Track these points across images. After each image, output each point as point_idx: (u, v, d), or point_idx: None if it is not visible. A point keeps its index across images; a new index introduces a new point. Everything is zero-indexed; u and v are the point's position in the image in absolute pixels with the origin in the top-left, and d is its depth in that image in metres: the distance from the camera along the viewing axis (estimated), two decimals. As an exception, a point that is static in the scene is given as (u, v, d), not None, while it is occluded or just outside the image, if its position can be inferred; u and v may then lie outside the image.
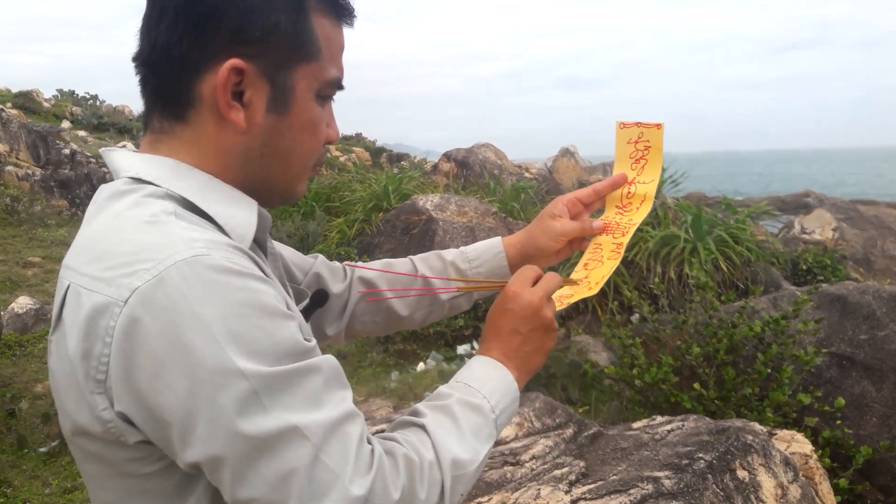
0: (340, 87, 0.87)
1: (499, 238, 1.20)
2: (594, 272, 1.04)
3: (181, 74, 0.78)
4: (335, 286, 1.15)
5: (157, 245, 0.68)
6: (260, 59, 0.78)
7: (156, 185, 0.77)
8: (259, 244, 0.85)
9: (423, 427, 0.81)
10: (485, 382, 0.89)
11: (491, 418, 0.87)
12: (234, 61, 0.76)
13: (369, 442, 0.73)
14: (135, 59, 0.81)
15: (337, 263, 1.19)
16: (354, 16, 0.87)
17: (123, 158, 0.81)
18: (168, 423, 0.65)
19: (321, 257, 1.18)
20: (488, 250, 1.18)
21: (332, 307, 1.15)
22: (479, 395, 0.87)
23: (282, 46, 0.79)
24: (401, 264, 1.20)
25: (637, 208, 1.08)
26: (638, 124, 1.07)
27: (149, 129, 0.83)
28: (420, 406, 0.86)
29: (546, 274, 0.99)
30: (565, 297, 1.05)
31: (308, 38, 0.80)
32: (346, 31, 0.87)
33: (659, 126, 1.06)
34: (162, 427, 0.66)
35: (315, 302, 1.06)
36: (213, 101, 0.78)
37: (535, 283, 0.97)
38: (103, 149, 0.85)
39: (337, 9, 0.85)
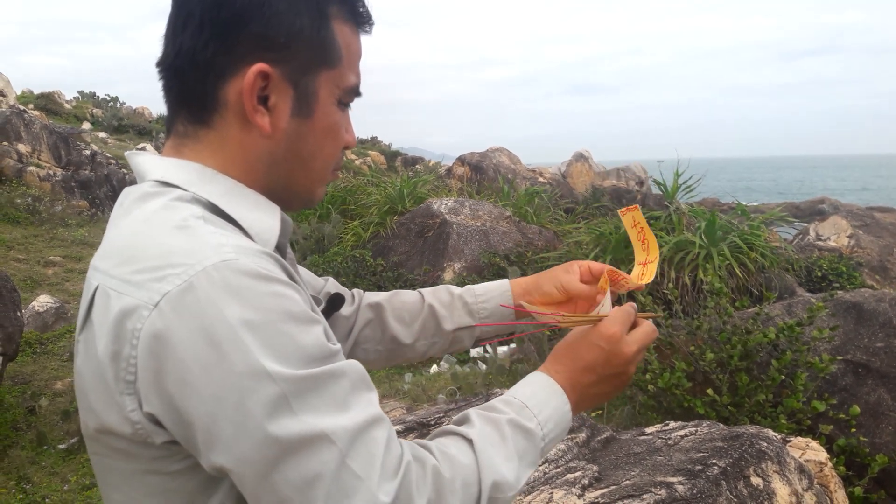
0: (358, 94, 0.88)
1: (507, 280, 1.21)
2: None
3: (206, 79, 0.78)
4: (343, 309, 1.16)
5: (187, 250, 0.69)
6: (285, 65, 0.79)
7: (183, 189, 0.77)
8: (280, 250, 0.85)
9: (470, 441, 0.78)
10: (543, 408, 0.86)
11: (539, 446, 0.84)
12: (260, 66, 0.77)
13: (399, 446, 0.72)
14: (159, 65, 0.82)
15: (344, 288, 1.20)
16: (373, 23, 0.88)
17: (149, 162, 0.81)
18: (194, 425, 0.66)
19: (332, 280, 1.18)
20: (496, 288, 1.20)
21: (339, 330, 1.15)
22: (533, 420, 0.84)
23: (306, 52, 0.80)
24: (408, 294, 1.22)
25: (643, 276, 1.13)
26: (627, 209, 1.14)
27: (172, 133, 0.83)
28: (472, 413, 0.83)
29: (646, 325, 0.96)
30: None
31: (330, 44, 0.82)
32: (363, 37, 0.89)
33: (636, 207, 1.13)
34: (188, 429, 0.67)
35: (332, 305, 1.08)
36: (238, 106, 0.78)
37: (631, 329, 0.94)
38: (128, 152, 0.86)
39: (357, 16, 0.86)
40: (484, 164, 13.30)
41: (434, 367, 5.71)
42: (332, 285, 1.17)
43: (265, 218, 0.81)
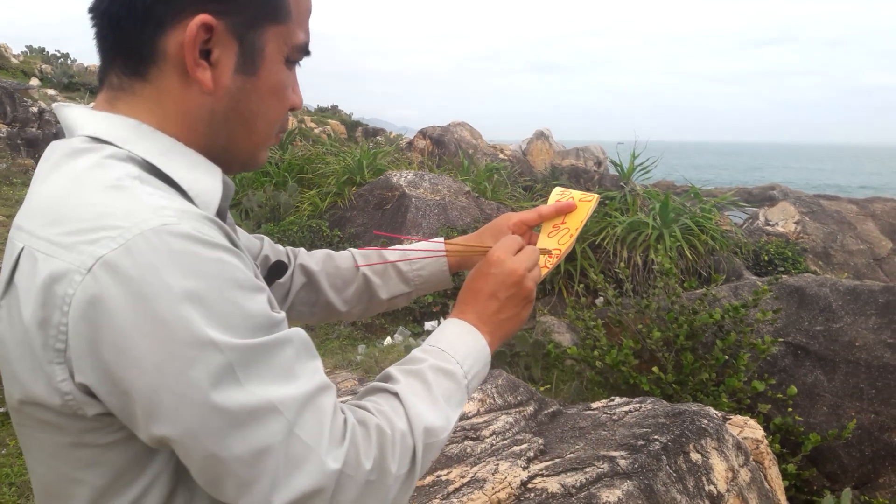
0: (307, 53, 0.84)
1: (441, 242, 1.20)
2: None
3: (144, 29, 0.73)
4: None
5: (123, 211, 0.64)
6: (230, 17, 0.74)
7: (117, 146, 0.73)
8: (220, 214, 0.81)
9: (395, 394, 0.80)
10: (458, 347, 0.89)
11: (463, 384, 0.87)
12: (204, 17, 0.72)
13: (342, 412, 0.72)
14: (91, 11, 0.76)
15: (280, 247, 1.17)
16: None
17: (80, 115, 0.76)
18: (133, 396, 0.63)
19: (267, 239, 1.15)
20: (431, 255, 1.19)
21: (276, 294, 1.13)
22: (452, 361, 0.87)
23: (253, 5, 0.75)
24: (342, 258, 1.20)
25: (563, 238, 1.13)
26: (585, 198, 1.17)
27: (106, 86, 0.78)
28: (393, 370, 0.85)
29: (527, 247, 1.00)
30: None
31: None
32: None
33: (593, 198, 1.16)
34: (126, 400, 0.64)
35: (273, 273, 1.06)
36: (177, 59, 0.73)
37: (517, 252, 0.98)
38: (56, 104, 0.80)
39: None
40: (445, 139, 13.26)
41: (388, 340, 5.72)
42: (267, 245, 1.14)
43: (206, 179, 0.76)
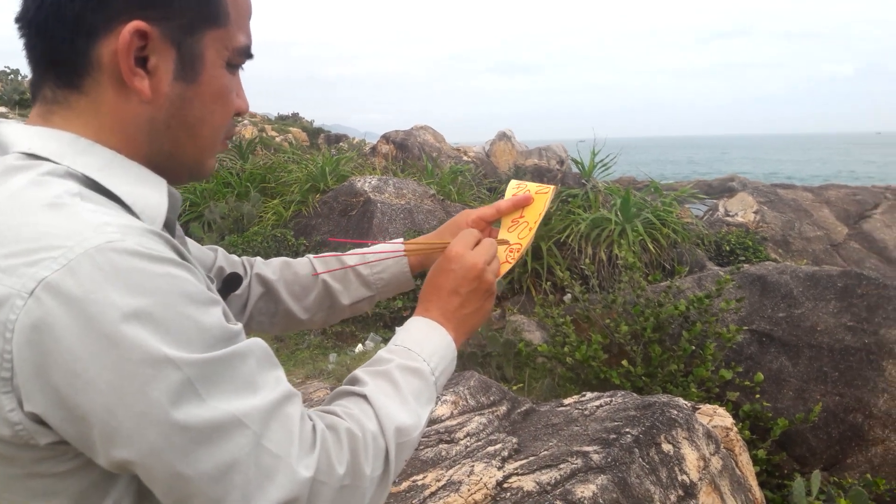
0: (250, 56, 0.82)
1: (402, 244, 1.20)
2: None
3: (75, 38, 0.70)
4: None
5: (64, 231, 0.62)
6: (165, 23, 0.72)
7: (54, 162, 0.69)
8: (168, 227, 0.80)
9: (364, 396, 0.80)
10: (424, 345, 0.89)
11: (431, 381, 0.87)
12: (137, 23, 0.69)
13: (309, 419, 0.71)
14: (18, 20, 0.73)
15: (235, 258, 1.15)
16: None
17: (14, 131, 0.72)
18: (89, 421, 0.61)
19: (221, 250, 1.13)
20: (391, 255, 1.19)
21: (233, 306, 1.11)
22: (418, 359, 0.87)
23: (188, 10, 0.73)
24: (300, 265, 1.19)
25: (523, 232, 1.14)
26: (541, 191, 1.17)
27: (39, 99, 0.75)
28: (359, 373, 0.84)
29: (485, 240, 1.01)
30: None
31: (215, 1, 0.75)
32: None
33: (548, 189, 1.16)
34: (83, 426, 0.61)
35: (228, 286, 1.04)
36: (112, 68, 0.71)
37: (474, 246, 0.98)
38: None
39: None
40: (409, 143, 13.26)
41: (359, 347, 5.69)
42: (221, 256, 1.12)
43: (150, 193, 0.74)
